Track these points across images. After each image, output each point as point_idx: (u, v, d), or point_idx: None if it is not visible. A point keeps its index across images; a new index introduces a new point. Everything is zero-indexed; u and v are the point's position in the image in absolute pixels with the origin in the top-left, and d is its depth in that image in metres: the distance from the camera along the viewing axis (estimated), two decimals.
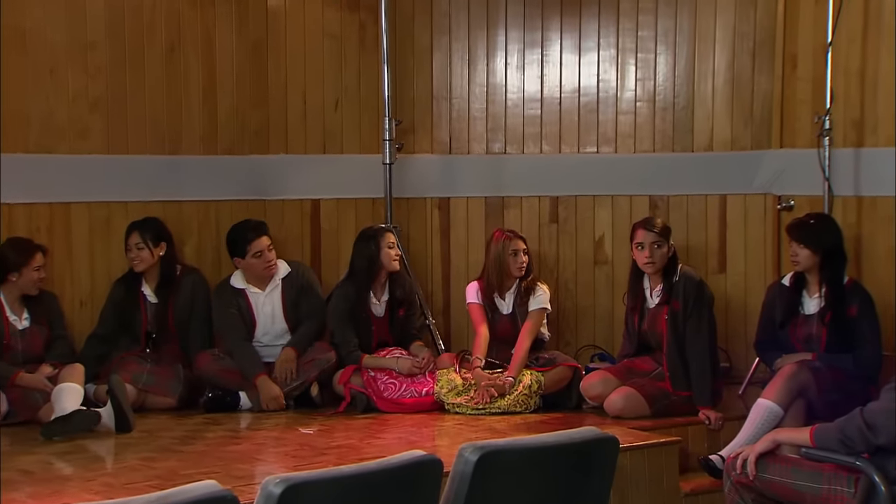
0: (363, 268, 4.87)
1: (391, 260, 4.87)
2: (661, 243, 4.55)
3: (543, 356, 4.83)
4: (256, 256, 4.82)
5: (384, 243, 4.87)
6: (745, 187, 5.40)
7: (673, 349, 4.56)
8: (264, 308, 4.91)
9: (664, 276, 4.58)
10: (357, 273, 4.89)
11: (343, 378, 4.77)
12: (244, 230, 4.86)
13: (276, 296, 4.94)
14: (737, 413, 4.53)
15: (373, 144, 5.45)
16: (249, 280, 4.91)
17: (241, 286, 4.91)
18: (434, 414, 4.69)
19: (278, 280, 4.94)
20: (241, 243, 4.83)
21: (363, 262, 4.88)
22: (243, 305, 4.89)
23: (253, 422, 4.61)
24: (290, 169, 5.45)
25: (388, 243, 4.88)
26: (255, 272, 4.88)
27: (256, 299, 4.91)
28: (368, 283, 4.87)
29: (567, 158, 5.55)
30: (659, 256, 4.55)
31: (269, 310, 4.92)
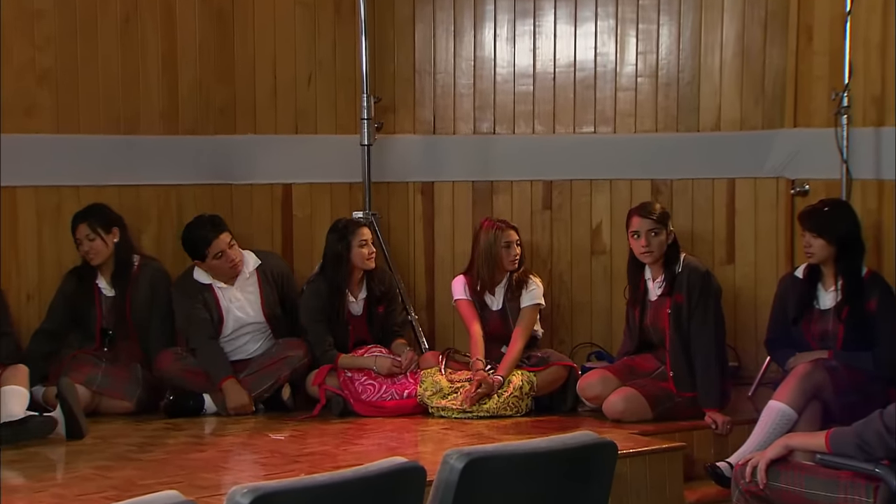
0: (331, 264, 4.86)
1: (364, 259, 4.85)
2: (658, 230, 4.56)
3: (536, 355, 4.83)
4: (218, 258, 4.81)
5: (356, 241, 4.85)
6: (755, 170, 5.41)
7: (677, 346, 4.57)
8: (234, 303, 4.90)
9: (666, 267, 4.58)
10: (329, 269, 4.88)
11: (317, 379, 4.77)
12: (200, 231, 4.82)
13: (251, 289, 4.92)
14: (746, 416, 4.54)
15: (349, 124, 5.44)
16: (215, 276, 4.89)
17: (206, 281, 4.90)
18: (417, 418, 4.69)
19: (248, 272, 4.93)
20: (199, 246, 4.80)
21: (333, 259, 4.87)
22: (210, 301, 4.88)
23: (218, 427, 4.60)
24: (259, 150, 5.43)
25: (360, 241, 4.85)
26: (221, 272, 4.87)
27: (224, 294, 4.90)
28: (341, 280, 4.85)
29: (562, 139, 5.55)
30: (657, 245, 4.56)
31: (239, 305, 4.90)
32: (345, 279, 4.86)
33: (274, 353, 4.83)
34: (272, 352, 4.85)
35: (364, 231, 4.88)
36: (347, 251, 4.83)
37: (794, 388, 4.13)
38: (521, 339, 4.79)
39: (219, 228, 4.82)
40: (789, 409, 4.08)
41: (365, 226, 4.93)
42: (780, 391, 4.16)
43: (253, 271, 4.93)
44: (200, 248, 4.79)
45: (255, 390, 4.76)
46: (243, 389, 4.71)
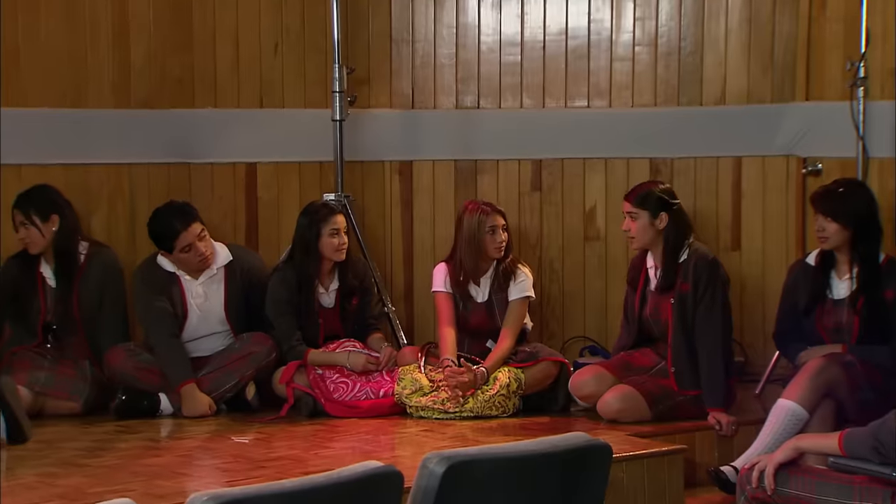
0: (300, 252, 4.85)
1: (333, 250, 4.83)
2: (637, 215, 4.56)
3: (524, 349, 4.84)
4: (185, 251, 4.79)
5: (326, 228, 4.82)
6: (763, 148, 5.43)
7: (679, 340, 4.58)
8: (198, 300, 4.89)
9: (666, 254, 4.59)
10: (297, 257, 4.87)
11: (285, 377, 4.76)
12: (167, 220, 4.76)
13: (216, 286, 4.90)
14: (753, 416, 4.56)
15: (320, 97, 5.42)
16: (181, 267, 4.87)
17: (172, 269, 4.88)
18: (394, 419, 4.69)
19: (215, 269, 4.90)
20: (166, 237, 4.77)
21: (300, 245, 4.86)
22: (175, 293, 4.86)
23: (175, 429, 4.59)
24: (220, 126, 5.41)
25: (331, 229, 4.83)
26: (188, 266, 4.85)
27: (189, 288, 4.88)
28: (310, 270, 4.84)
29: (552, 114, 5.55)
30: (638, 230, 4.57)
31: (202, 302, 4.89)
32: (314, 269, 4.85)
33: (237, 349, 4.81)
34: (235, 347, 4.83)
35: (338, 219, 4.86)
36: (316, 239, 4.82)
37: (805, 386, 4.15)
38: (511, 337, 4.78)
39: (189, 218, 4.77)
40: (800, 408, 4.10)
41: (339, 213, 4.91)
42: (789, 389, 4.18)
43: (222, 267, 4.91)
44: (167, 239, 4.76)
45: (216, 390, 4.75)
46: (204, 396, 4.69)
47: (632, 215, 4.59)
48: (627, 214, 4.60)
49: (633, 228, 4.59)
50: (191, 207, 4.85)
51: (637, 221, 4.58)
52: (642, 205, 4.57)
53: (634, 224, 4.58)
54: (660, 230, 4.58)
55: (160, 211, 4.84)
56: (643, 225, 4.57)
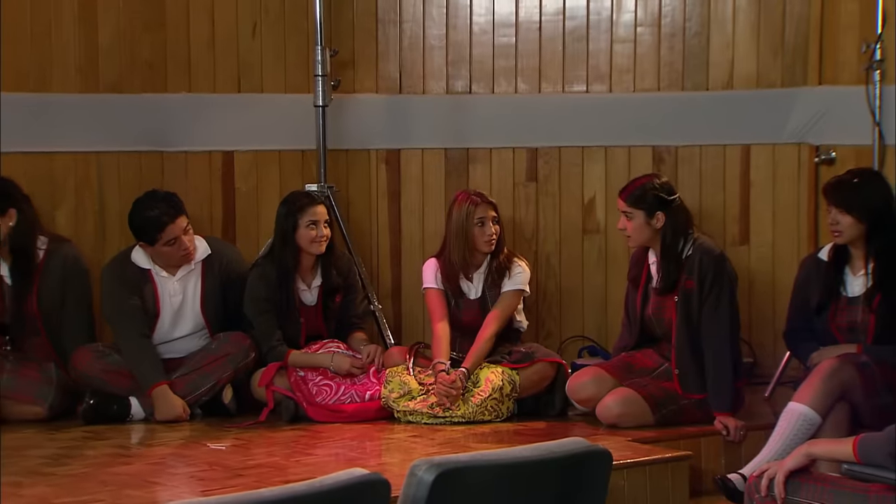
0: (278, 244, 4.85)
1: (310, 242, 4.82)
2: (631, 214, 4.56)
3: (519, 350, 4.84)
4: (170, 244, 4.77)
5: (304, 219, 4.81)
6: (773, 135, 5.43)
7: (684, 340, 4.59)
8: (173, 298, 4.88)
9: (665, 252, 4.58)
10: (277, 251, 4.86)
11: (264, 379, 4.76)
12: (152, 211, 4.73)
13: (193, 283, 4.90)
14: (762, 421, 4.57)
15: (301, 81, 5.42)
16: (157, 262, 4.86)
17: (147, 266, 4.87)
18: (380, 424, 4.69)
19: (193, 264, 4.90)
20: (150, 229, 4.74)
21: (278, 236, 4.86)
22: (148, 291, 4.85)
23: (147, 435, 4.59)
24: (195, 112, 5.41)
25: (309, 220, 4.82)
26: (168, 260, 4.84)
27: (164, 285, 4.87)
28: (288, 264, 4.83)
29: (549, 100, 5.54)
30: (634, 230, 4.57)
31: (178, 300, 4.88)
32: (293, 263, 4.84)
33: (213, 350, 4.81)
34: (211, 348, 4.82)
35: (317, 210, 4.85)
36: (293, 230, 4.81)
37: (817, 388, 4.15)
38: (495, 323, 4.77)
39: (176, 210, 4.75)
40: (812, 411, 4.10)
41: (320, 203, 4.90)
42: (801, 391, 4.18)
43: (199, 262, 4.90)
44: (151, 231, 4.74)
45: (190, 393, 4.74)
46: (177, 399, 4.68)
47: (627, 214, 4.59)
48: (623, 213, 4.60)
49: (629, 228, 4.59)
50: (177, 199, 4.81)
51: (632, 221, 4.58)
52: (637, 204, 4.57)
53: (629, 223, 4.59)
54: (657, 229, 4.58)
55: (143, 201, 4.80)
56: (639, 224, 4.57)
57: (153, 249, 4.79)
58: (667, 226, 4.57)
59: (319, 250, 4.84)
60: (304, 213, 4.81)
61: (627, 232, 4.61)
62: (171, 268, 4.86)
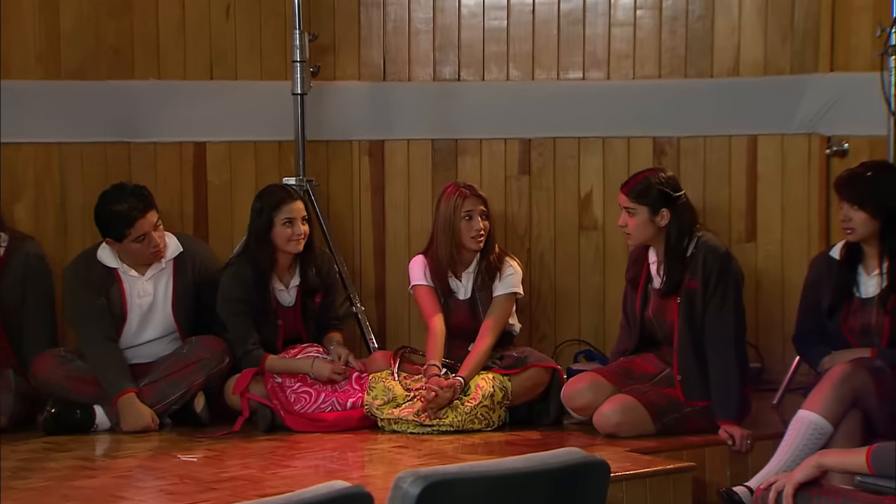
0: (253, 242, 4.85)
1: (286, 241, 4.82)
2: (634, 210, 4.57)
3: (511, 354, 4.84)
4: (139, 241, 4.77)
5: (279, 217, 4.80)
6: (782, 125, 5.44)
7: (686, 344, 4.59)
8: (142, 298, 4.88)
9: (669, 251, 4.59)
10: (252, 249, 4.86)
11: (238, 386, 4.76)
12: (121, 205, 4.72)
13: (164, 283, 4.90)
14: (770, 430, 4.58)
15: (278, 67, 5.42)
16: (125, 260, 4.86)
17: (114, 264, 4.86)
18: (363, 433, 4.69)
19: (164, 262, 4.90)
20: (118, 224, 4.73)
21: (252, 234, 4.86)
22: (114, 292, 4.84)
23: (113, 446, 4.58)
24: (164, 100, 5.40)
25: (284, 217, 4.81)
26: (137, 259, 4.84)
27: (133, 285, 4.87)
28: (264, 263, 4.83)
29: (543, 87, 5.55)
30: (636, 227, 4.57)
31: (147, 301, 4.88)
32: (268, 262, 4.84)
33: (184, 355, 4.80)
34: (182, 353, 4.82)
35: (294, 206, 4.84)
36: (268, 229, 4.81)
37: (828, 395, 4.16)
38: (492, 333, 4.79)
39: (145, 205, 4.74)
40: (823, 420, 4.11)
41: (297, 199, 4.90)
42: (811, 398, 4.19)
43: (171, 260, 4.91)
44: (119, 226, 4.73)
45: (160, 401, 4.74)
46: (145, 408, 4.67)
47: (629, 210, 4.59)
48: (624, 209, 4.60)
49: (631, 224, 4.59)
50: (147, 192, 4.80)
51: (635, 217, 4.58)
52: (641, 199, 4.57)
53: (632, 220, 4.58)
54: (660, 227, 4.58)
55: (110, 194, 4.79)
56: (642, 221, 4.57)
57: (121, 246, 4.78)
58: (672, 224, 4.57)
59: (297, 249, 4.84)
60: (279, 210, 4.81)
61: (628, 229, 4.61)
62: (140, 266, 4.86)
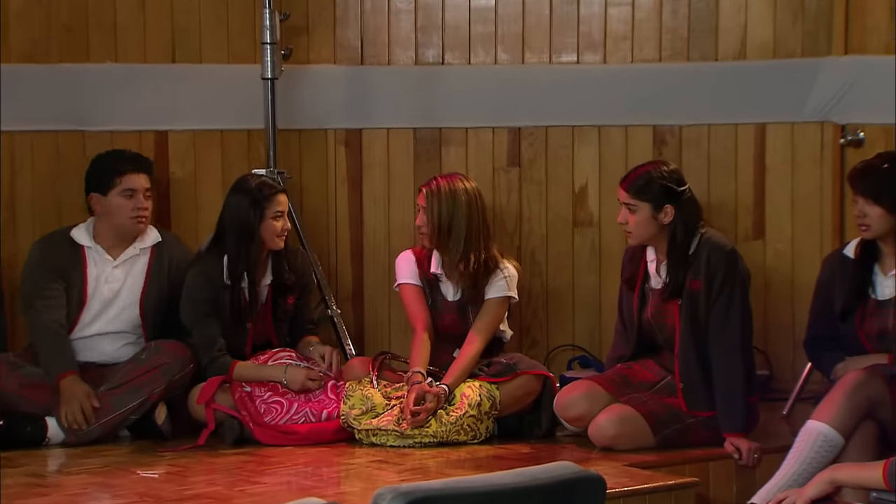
0: (234, 237, 4.84)
1: (274, 235, 4.84)
2: (636, 207, 4.56)
3: (500, 361, 4.84)
4: (126, 195, 4.82)
5: (270, 210, 4.83)
6: (793, 113, 5.45)
7: (689, 349, 4.60)
8: (108, 285, 4.88)
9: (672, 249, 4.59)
10: (225, 243, 4.86)
11: (203, 396, 4.75)
12: (117, 159, 4.88)
13: (137, 271, 4.91)
14: (779, 442, 4.57)
15: (246, 49, 5.42)
16: (101, 238, 4.88)
17: (86, 243, 4.88)
18: (339, 447, 4.69)
19: (139, 248, 4.91)
20: (109, 173, 4.82)
21: (235, 229, 4.85)
22: (76, 276, 4.83)
23: (67, 461, 4.57)
24: (122, 85, 5.40)
25: (275, 211, 4.84)
26: (117, 221, 4.85)
27: (101, 269, 4.87)
28: (248, 260, 4.84)
29: (533, 72, 5.55)
30: (637, 225, 4.57)
31: (114, 288, 4.88)
32: (253, 259, 4.84)
33: (143, 361, 4.79)
34: (141, 358, 4.80)
35: (283, 199, 4.88)
36: (258, 219, 4.82)
37: (840, 404, 4.16)
38: (480, 338, 4.79)
39: (143, 167, 4.89)
40: (833, 431, 4.12)
41: (283, 191, 4.92)
42: (821, 408, 4.19)
43: (148, 248, 4.92)
44: (110, 175, 4.83)
45: (117, 411, 4.72)
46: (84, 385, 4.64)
47: (630, 207, 4.58)
48: (624, 205, 4.60)
49: (632, 222, 4.59)
50: (149, 162, 4.97)
51: (636, 214, 4.57)
52: (642, 195, 4.56)
53: (633, 217, 4.58)
54: (663, 224, 4.58)
55: (109, 151, 4.96)
56: (644, 219, 4.57)
57: (105, 202, 4.81)
58: (676, 221, 4.57)
59: (280, 245, 4.87)
60: (271, 202, 4.83)
61: (629, 227, 4.60)
62: (113, 247, 4.87)
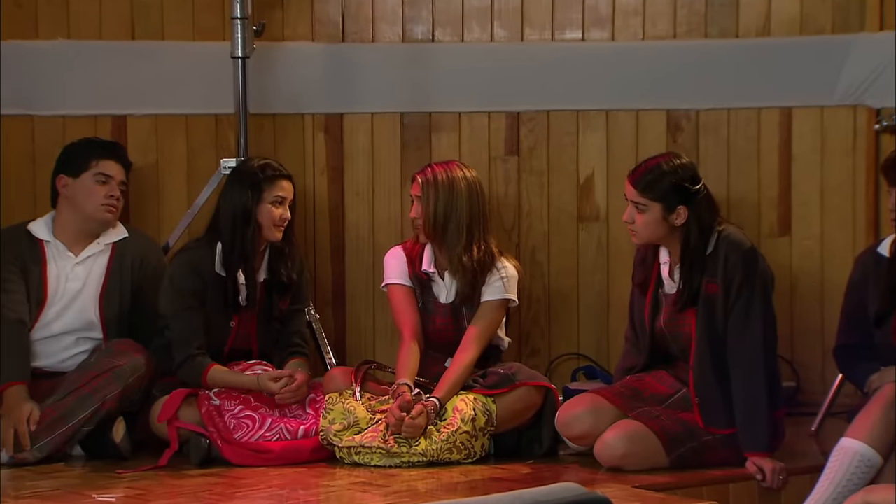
0: (230, 222, 4.87)
1: (272, 223, 4.88)
2: (645, 207, 4.55)
3: (497, 371, 4.85)
4: (101, 181, 4.89)
5: (270, 194, 4.88)
6: (822, 95, 5.46)
7: (705, 360, 4.61)
8: (69, 283, 4.90)
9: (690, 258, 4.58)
10: (219, 230, 4.89)
11: (166, 412, 4.74)
12: (96, 143, 5.03)
13: (97, 268, 4.94)
14: (807, 461, 4.60)
15: (214, 25, 5.45)
16: (61, 232, 4.91)
17: (45, 237, 4.91)
18: (318, 467, 4.70)
19: (104, 244, 4.95)
20: (83, 156, 4.90)
21: (230, 212, 4.88)
22: (34, 268, 4.86)
23: (15, 484, 4.56)
24: (76, 65, 5.41)
25: (275, 195, 4.89)
26: (84, 208, 4.88)
27: (61, 266, 4.90)
28: (237, 245, 4.86)
29: (534, 50, 5.56)
30: (644, 225, 4.56)
31: (75, 288, 4.91)
32: (251, 248, 4.87)
33: (93, 364, 4.78)
34: (90, 362, 4.80)
35: (287, 185, 4.94)
36: (255, 203, 4.86)
37: (877, 421, 4.17)
38: (475, 345, 4.80)
39: (122, 159, 5.00)
40: (870, 450, 4.13)
41: (287, 177, 4.96)
42: (856, 424, 4.20)
43: (110, 245, 4.96)
44: (84, 157, 4.92)
45: (67, 423, 4.70)
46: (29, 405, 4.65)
47: (638, 206, 4.57)
48: (631, 203, 4.59)
49: (639, 221, 4.58)
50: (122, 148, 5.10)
51: (644, 214, 4.56)
52: (652, 193, 4.54)
53: (640, 217, 4.57)
54: (675, 226, 4.57)
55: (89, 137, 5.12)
56: (653, 220, 4.56)
57: (73, 186, 4.87)
58: (691, 222, 4.56)
59: (277, 236, 4.91)
60: (272, 186, 4.88)
61: (635, 226, 4.59)
62: (75, 244, 4.89)
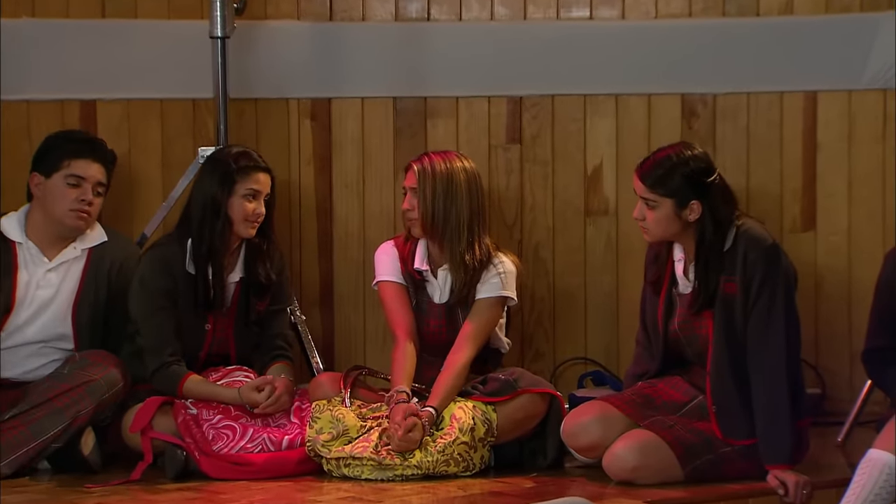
0: (199, 214, 4.88)
1: (244, 218, 4.88)
2: (656, 203, 4.55)
3: (497, 377, 4.84)
4: (72, 183, 4.86)
5: (242, 186, 4.87)
6: (849, 78, 5.47)
7: (723, 365, 4.60)
8: (41, 290, 4.91)
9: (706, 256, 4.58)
10: (195, 224, 4.89)
11: (140, 422, 4.74)
12: (72, 138, 4.99)
13: (72, 274, 4.95)
14: (833, 474, 4.61)
15: (191, 3, 5.46)
16: (34, 232, 4.92)
17: (17, 237, 4.92)
18: (304, 480, 4.69)
19: (80, 249, 4.95)
20: (58, 154, 4.87)
21: (200, 204, 4.89)
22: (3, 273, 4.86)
23: None
24: (42, 45, 5.42)
25: (250, 188, 4.88)
26: (53, 211, 4.88)
27: (32, 271, 4.91)
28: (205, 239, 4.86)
29: (538, 30, 5.57)
30: (655, 222, 4.56)
31: (47, 295, 4.91)
32: (221, 243, 4.87)
33: (66, 376, 4.79)
34: (63, 373, 4.81)
35: (263, 178, 4.92)
36: (226, 197, 4.85)
37: None
38: (470, 344, 4.80)
39: (100, 156, 4.94)
40: None
41: (267, 170, 4.95)
42: (885, 434, 4.20)
43: (86, 250, 4.96)
44: (58, 155, 4.88)
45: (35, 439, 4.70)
46: None
47: (649, 203, 4.56)
48: (641, 199, 4.58)
49: (650, 218, 4.58)
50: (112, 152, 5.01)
51: (655, 211, 4.56)
52: (662, 189, 4.54)
53: (651, 213, 4.57)
54: (689, 222, 4.57)
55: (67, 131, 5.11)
56: (664, 216, 4.55)
57: (45, 186, 4.86)
58: (705, 217, 4.55)
59: (249, 233, 4.91)
60: (245, 178, 4.88)
61: (646, 223, 4.59)
62: (50, 247, 4.90)
